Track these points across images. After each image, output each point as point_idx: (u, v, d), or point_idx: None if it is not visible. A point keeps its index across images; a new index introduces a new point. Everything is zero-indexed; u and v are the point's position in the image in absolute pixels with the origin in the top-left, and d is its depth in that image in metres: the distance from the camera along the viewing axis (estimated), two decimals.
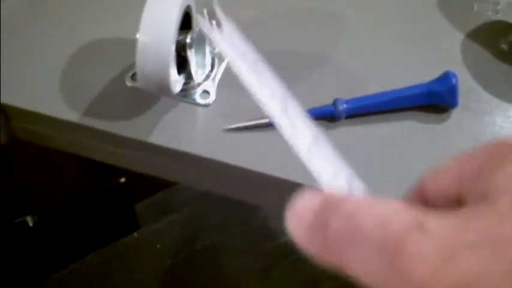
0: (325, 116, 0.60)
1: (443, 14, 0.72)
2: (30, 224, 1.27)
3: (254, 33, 0.67)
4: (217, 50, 0.65)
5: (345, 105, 0.59)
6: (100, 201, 1.38)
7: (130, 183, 1.33)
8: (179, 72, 0.57)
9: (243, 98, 0.63)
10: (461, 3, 0.74)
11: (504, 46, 0.68)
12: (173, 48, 0.52)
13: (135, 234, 1.52)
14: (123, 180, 1.31)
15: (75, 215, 1.36)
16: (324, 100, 0.61)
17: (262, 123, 0.59)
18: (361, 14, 0.73)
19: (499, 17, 0.72)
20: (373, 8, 0.74)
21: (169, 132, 0.59)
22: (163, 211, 1.55)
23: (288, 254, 1.42)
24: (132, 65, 0.64)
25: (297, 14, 0.73)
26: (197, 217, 1.54)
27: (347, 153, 0.59)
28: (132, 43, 0.54)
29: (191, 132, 0.60)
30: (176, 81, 0.56)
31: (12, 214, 1.22)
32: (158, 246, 1.51)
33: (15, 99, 0.62)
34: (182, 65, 0.58)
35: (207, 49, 0.62)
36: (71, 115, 0.61)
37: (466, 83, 0.65)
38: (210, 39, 0.62)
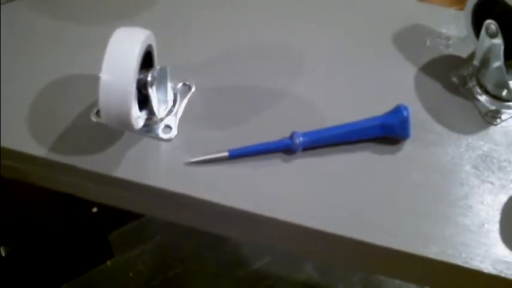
0: (283, 149, 0.63)
1: (397, 49, 0.76)
2: (3, 254, 1.27)
3: (213, 70, 0.70)
4: (179, 85, 0.67)
5: (301, 139, 0.62)
6: (73, 231, 1.38)
7: (103, 213, 1.33)
8: (141, 108, 0.59)
9: (204, 131, 0.65)
10: (415, 38, 0.77)
11: (455, 79, 0.71)
12: (134, 86, 0.55)
13: (108, 263, 1.52)
14: (95, 210, 1.32)
15: (48, 245, 1.36)
16: (281, 133, 0.63)
17: (222, 157, 0.61)
18: (317, 49, 0.76)
19: (451, 51, 0.76)
20: (328, 43, 0.77)
21: (133, 166, 0.61)
22: (136, 240, 1.56)
23: (260, 280, 1.43)
24: (97, 101, 0.66)
25: (254, 50, 0.76)
26: (169, 245, 1.55)
27: (304, 184, 0.61)
28: (97, 80, 0.55)
29: (154, 166, 0.62)
30: (138, 117, 0.58)
31: None
32: (131, 274, 1.51)
33: None
34: (144, 101, 0.60)
35: (169, 85, 0.65)
36: (39, 150, 0.62)
37: (418, 115, 0.68)
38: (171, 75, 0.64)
